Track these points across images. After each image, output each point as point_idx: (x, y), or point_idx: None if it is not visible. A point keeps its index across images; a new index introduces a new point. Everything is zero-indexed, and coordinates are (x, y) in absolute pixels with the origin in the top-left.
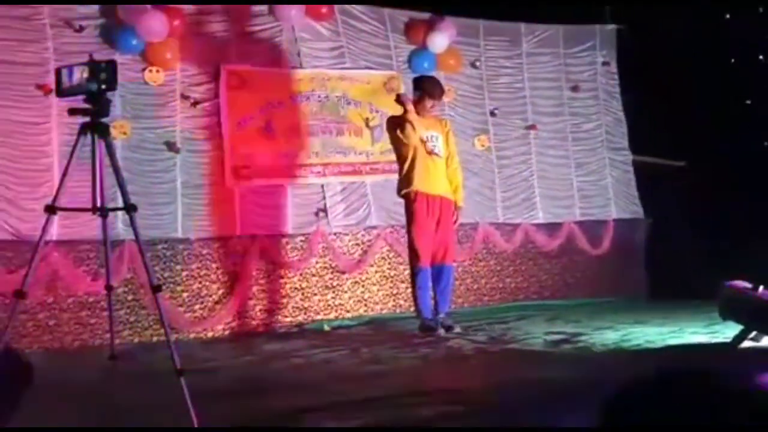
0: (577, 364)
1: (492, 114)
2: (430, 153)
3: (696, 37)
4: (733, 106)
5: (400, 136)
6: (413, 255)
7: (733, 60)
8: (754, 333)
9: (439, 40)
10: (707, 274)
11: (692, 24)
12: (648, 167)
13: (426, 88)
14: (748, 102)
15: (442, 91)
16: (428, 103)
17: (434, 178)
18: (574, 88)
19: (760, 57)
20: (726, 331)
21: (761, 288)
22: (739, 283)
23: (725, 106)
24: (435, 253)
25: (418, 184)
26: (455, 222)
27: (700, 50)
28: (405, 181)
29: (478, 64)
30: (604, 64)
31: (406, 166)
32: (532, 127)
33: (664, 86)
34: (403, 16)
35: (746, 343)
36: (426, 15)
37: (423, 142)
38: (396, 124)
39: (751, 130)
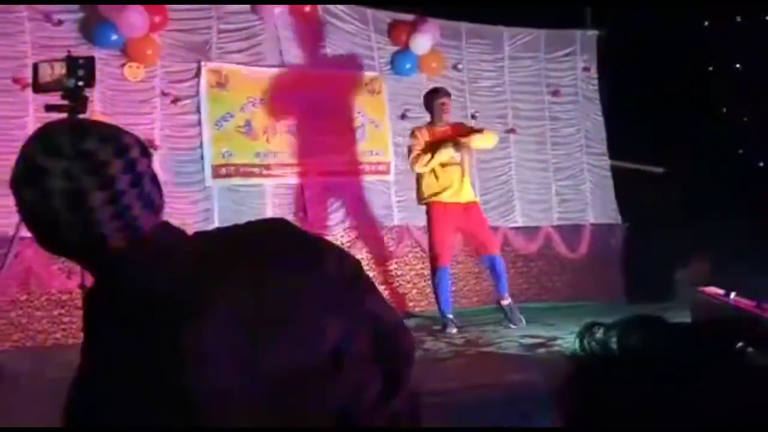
0: (552, 368)
1: (473, 117)
2: (444, 165)
3: (675, 44)
4: (711, 114)
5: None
6: (432, 256)
7: (710, 68)
8: None
9: (422, 42)
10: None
11: (672, 31)
12: (626, 172)
13: (427, 98)
14: (724, 110)
15: (440, 99)
16: (437, 107)
17: (451, 188)
18: (555, 93)
19: (737, 65)
20: None
21: (733, 294)
22: (711, 289)
23: (703, 113)
24: (478, 248)
25: (432, 195)
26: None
27: (679, 57)
28: (421, 191)
29: (459, 66)
30: (585, 69)
31: (419, 176)
32: (511, 130)
33: (643, 92)
34: (386, 16)
35: None
36: (409, 16)
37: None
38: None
39: (727, 138)
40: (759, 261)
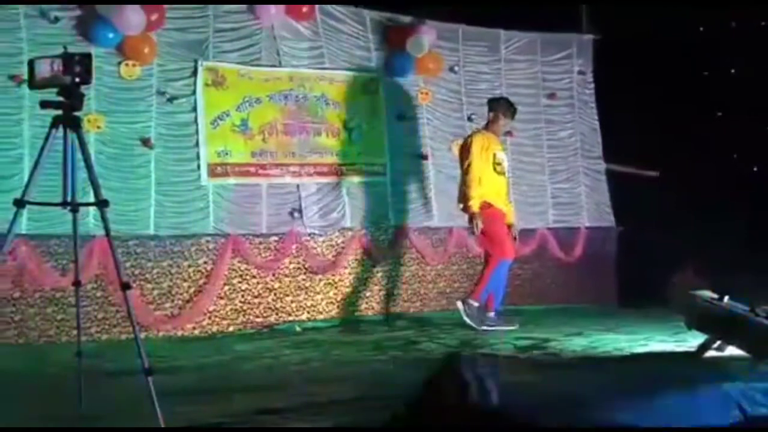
0: (545, 370)
1: (469, 119)
2: (499, 173)
3: (671, 48)
4: (706, 118)
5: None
6: (501, 248)
7: (706, 72)
8: (718, 343)
9: (419, 44)
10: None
11: (667, 36)
12: (621, 176)
13: (499, 108)
14: (719, 114)
15: (515, 111)
16: (502, 121)
17: (503, 197)
18: (551, 96)
19: (732, 70)
20: (692, 340)
21: (726, 298)
22: (704, 293)
23: (698, 117)
24: None
25: (487, 196)
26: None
27: (674, 61)
28: (475, 195)
29: (456, 69)
30: (581, 73)
31: (476, 186)
32: (508, 133)
33: (638, 96)
34: (383, 18)
35: (710, 353)
36: (407, 18)
37: (496, 162)
38: (473, 143)
39: (722, 142)
40: (754, 265)
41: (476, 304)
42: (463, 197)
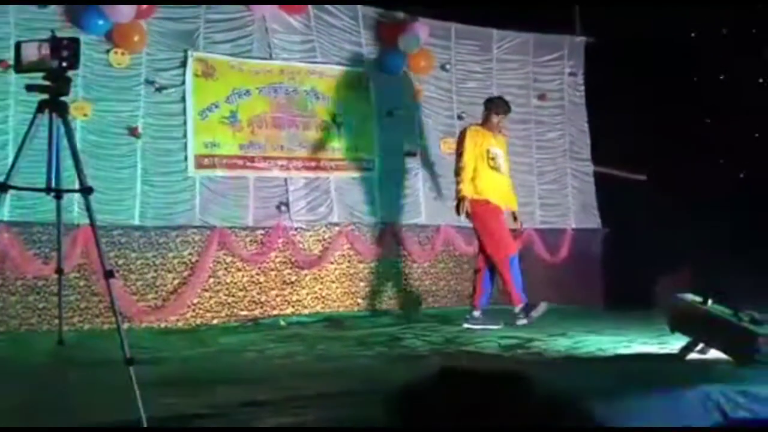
0: (529, 369)
1: (459, 118)
2: (493, 168)
3: (661, 53)
4: (694, 122)
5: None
6: (504, 244)
7: (695, 78)
8: (700, 345)
9: (411, 41)
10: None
11: (658, 41)
12: (608, 178)
13: (492, 107)
14: (708, 120)
15: (507, 109)
16: (494, 119)
17: (501, 191)
18: (541, 97)
19: (721, 77)
20: (675, 343)
21: (709, 301)
22: (689, 296)
23: (687, 122)
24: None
25: (484, 192)
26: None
27: (664, 66)
28: (470, 187)
29: (448, 67)
30: (572, 74)
31: (467, 174)
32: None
33: (628, 99)
34: (376, 14)
35: (692, 355)
36: (400, 15)
37: (489, 157)
38: (466, 135)
39: (709, 148)
40: (740, 268)
41: (521, 305)
42: (455, 185)
